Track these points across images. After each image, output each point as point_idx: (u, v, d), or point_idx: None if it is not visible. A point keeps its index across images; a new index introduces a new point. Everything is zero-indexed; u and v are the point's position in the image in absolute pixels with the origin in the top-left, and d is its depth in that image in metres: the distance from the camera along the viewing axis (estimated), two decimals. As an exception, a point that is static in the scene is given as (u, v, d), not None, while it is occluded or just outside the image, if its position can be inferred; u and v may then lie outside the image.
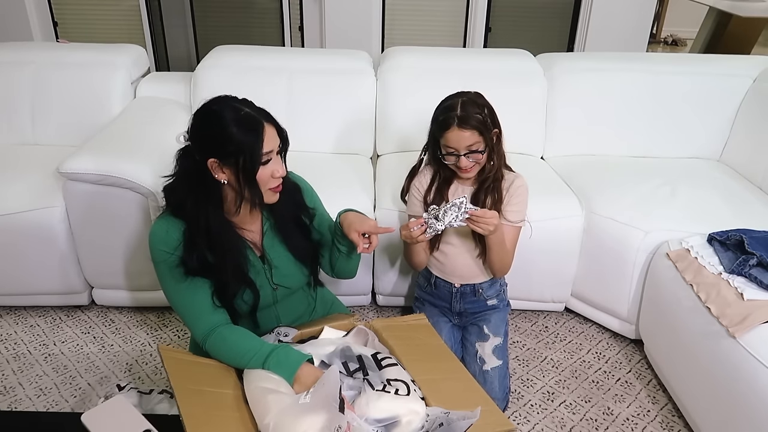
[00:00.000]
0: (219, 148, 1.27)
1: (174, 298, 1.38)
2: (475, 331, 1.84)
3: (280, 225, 1.45)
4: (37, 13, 3.72)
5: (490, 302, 1.87)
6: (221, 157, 1.27)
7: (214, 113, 1.29)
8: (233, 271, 1.36)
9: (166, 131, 2.26)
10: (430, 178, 1.79)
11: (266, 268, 1.44)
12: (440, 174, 1.78)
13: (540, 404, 1.85)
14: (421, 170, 1.82)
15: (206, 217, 1.31)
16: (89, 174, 1.88)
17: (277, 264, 1.45)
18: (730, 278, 1.63)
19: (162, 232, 1.34)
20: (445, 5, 3.76)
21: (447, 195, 1.77)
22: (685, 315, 1.69)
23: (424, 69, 2.47)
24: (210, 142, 1.28)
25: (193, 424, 1.13)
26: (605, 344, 2.12)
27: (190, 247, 1.32)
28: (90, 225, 1.99)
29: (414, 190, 1.81)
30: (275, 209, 1.43)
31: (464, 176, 1.73)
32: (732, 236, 1.73)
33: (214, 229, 1.32)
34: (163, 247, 1.33)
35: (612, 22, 3.62)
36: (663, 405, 1.86)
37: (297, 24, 3.80)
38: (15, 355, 2.00)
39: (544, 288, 2.14)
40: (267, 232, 1.45)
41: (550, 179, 2.25)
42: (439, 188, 1.78)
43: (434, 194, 1.77)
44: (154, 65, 3.91)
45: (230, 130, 1.26)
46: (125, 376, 1.91)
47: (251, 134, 1.26)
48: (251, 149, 1.26)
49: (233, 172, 1.29)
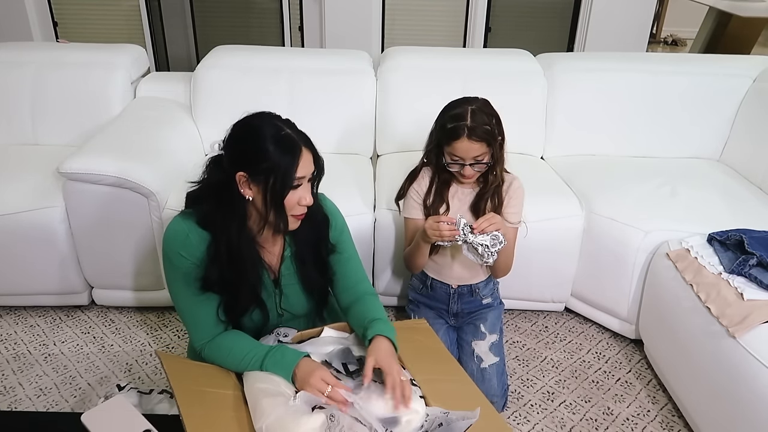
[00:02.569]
0: (251, 163, 1.23)
1: (180, 303, 1.36)
2: (471, 330, 1.85)
3: (301, 256, 1.40)
4: (37, 13, 3.72)
5: (485, 301, 1.88)
6: (252, 172, 1.23)
7: (254, 127, 1.25)
8: (249, 290, 1.33)
9: (166, 131, 2.27)
10: (429, 181, 1.79)
11: (277, 292, 1.41)
12: (439, 177, 1.78)
13: (540, 404, 1.85)
14: (420, 173, 1.82)
15: (232, 233, 1.28)
16: (89, 174, 1.88)
17: (287, 292, 1.42)
18: (730, 278, 1.63)
19: (182, 235, 1.29)
20: (445, 5, 3.76)
21: (447, 197, 1.77)
22: (685, 315, 1.69)
23: (424, 69, 2.47)
24: (244, 155, 1.24)
25: (193, 424, 1.13)
26: (605, 344, 2.12)
27: (213, 262, 1.29)
28: (90, 225, 1.99)
29: (413, 193, 1.80)
30: (298, 237, 1.39)
31: (465, 182, 1.74)
32: (732, 236, 1.73)
33: (238, 246, 1.29)
34: (181, 251, 1.29)
35: (612, 22, 3.62)
36: (663, 405, 1.86)
37: (297, 24, 3.80)
38: (15, 355, 2.00)
39: (544, 288, 2.14)
40: (286, 260, 1.40)
41: (550, 179, 2.25)
42: (438, 190, 1.77)
43: (434, 197, 1.77)
44: (154, 65, 3.90)
45: (267, 146, 1.22)
46: (125, 376, 1.91)
47: (287, 155, 1.22)
48: (285, 170, 1.22)
49: (261, 191, 1.25)
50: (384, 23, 3.69)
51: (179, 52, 4.02)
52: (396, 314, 2.23)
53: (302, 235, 1.38)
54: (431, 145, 1.75)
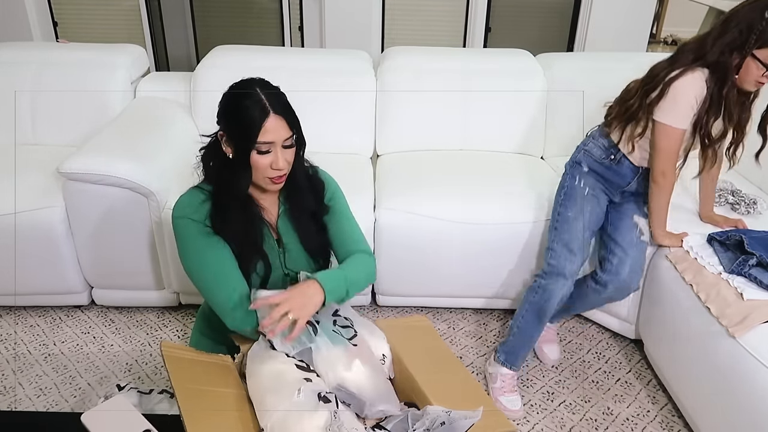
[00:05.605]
0: (227, 123, 1.31)
1: (201, 260, 1.35)
2: (634, 207, 1.87)
3: (295, 213, 1.45)
4: (37, 13, 3.72)
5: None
6: (227, 132, 1.31)
7: (233, 88, 1.32)
8: (251, 239, 1.37)
9: (166, 131, 2.26)
10: (707, 91, 1.62)
11: (281, 251, 1.44)
12: (718, 88, 1.62)
13: (540, 404, 1.85)
14: (693, 77, 1.62)
15: (227, 180, 1.33)
16: (89, 174, 1.88)
17: (290, 249, 1.45)
18: (729, 278, 1.63)
19: (189, 199, 1.35)
20: (445, 5, 3.76)
21: (735, 105, 1.65)
22: (685, 315, 1.69)
23: (424, 69, 2.47)
24: (222, 114, 1.32)
25: (193, 424, 1.13)
26: (605, 344, 2.12)
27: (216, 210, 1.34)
28: (90, 225, 1.99)
29: (691, 100, 1.62)
30: (291, 196, 1.44)
31: (752, 89, 1.66)
32: (732, 236, 1.73)
33: (233, 194, 1.34)
34: (191, 214, 1.33)
35: (612, 22, 3.62)
36: (663, 405, 1.86)
37: (297, 24, 3.80)
38: (15, 355, 2.00)
39: (544, 288, 2.14)
40: (281, 216, 1.45)
41: (550, 179, 2.25)
42: (718, 103, 1.64)
43: (712, 109, 1.64)
44: (154, 65, 3.90)
45: (237, 108, 1.28)
46: (125, 376, 1.91)
47: (252, 118, 1.27)
48: (248, 132, 1.27)
49: (232, 150, 1.31)
50: (384, 23, 3.69)
51: (179, 52, 4.02)
52: (397, 314, 2.23)
53: (296, 195, 1.43)
54: (726, 50, 1.59)
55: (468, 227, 2.01)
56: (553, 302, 1.78)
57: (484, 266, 2.08)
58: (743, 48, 1.57)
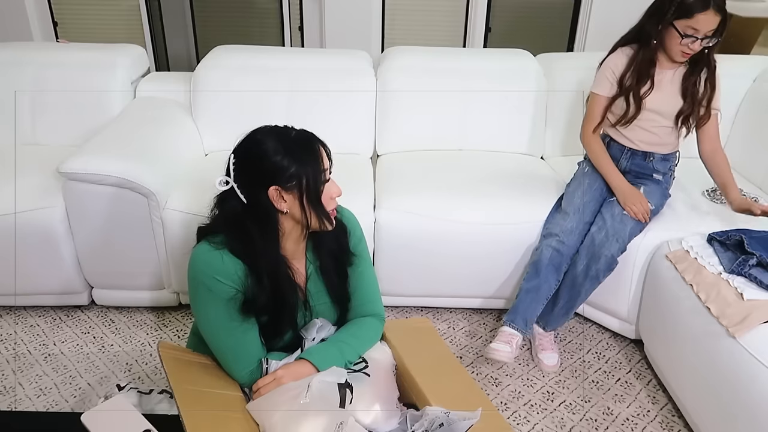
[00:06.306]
0: (278, 175, 1.19)
1: (222, 332, 1.28)
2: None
3: (324, 268, 1.36)
4: (37, 13, 3.72)
5: (656, 176, 1.98)
6: (282, 183, 1.20)
7: (260, 143, 1.21)
8: (289, 313, 1.31)
9: (166, 131, 2.27)
10: (629, 60, 1.83)
11: (307, 314, 1.37)
12: (641, 54, 1.81)
13: (540, 404, 1.85)
14: (616, 52, 1.88)
15: (270, 256, 1.25)
16: (89, 174, 1.88)
17: (317, 309, 1.38)
18: (730, 278, 1.63)
19: (217, 260, 1.23)
20: (445, 5, 3.76)
21: (653, 75, 1.81)
22: (685, 315, 1.69)
23: (424, 69, 2.47)
24: (266, 171, 1.20)
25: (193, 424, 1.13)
26: (605, 344, 2.12)
27: (259, 289, 1.25)
28: (90, 225, 1.99)
29: (608, 69, 1.88)
30: (319, 249, 1.36)
31: (680, 60, 1.76)
32: (732, 236, 1.73)
33: (277, 270, 1.26)
34: (218, 276, 1.23)
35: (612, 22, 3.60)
36: (663, 405, 1.86)
37: (297, 24, 3.80)
38: (15, 355, 2.00)
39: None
40: (311, 276, 1.37)
41: (550, 179, 2.25)
42: (641, 69, 1.81)
43: (636, 75, 1.81)
44: (154, 65, 3.90)
45: (287, 152, 1.19)
46: (125, 376, 1.91)
47: (309, 152, 1.21)
48: (314, 167, 1.21)
49: (296, 197, 1.22)
50: (384, 23, 3.69)
51: (179, 52, 4.02)
52: (397, 314, 2.23)
53: (322, 247, 1.35)
54: (651, 21, 1.78)
55: (468, 227, 2.01)
56: (545, 254, 1.87)
57: (484, 266, 2.08)
58: (663, 18, 1.73)
